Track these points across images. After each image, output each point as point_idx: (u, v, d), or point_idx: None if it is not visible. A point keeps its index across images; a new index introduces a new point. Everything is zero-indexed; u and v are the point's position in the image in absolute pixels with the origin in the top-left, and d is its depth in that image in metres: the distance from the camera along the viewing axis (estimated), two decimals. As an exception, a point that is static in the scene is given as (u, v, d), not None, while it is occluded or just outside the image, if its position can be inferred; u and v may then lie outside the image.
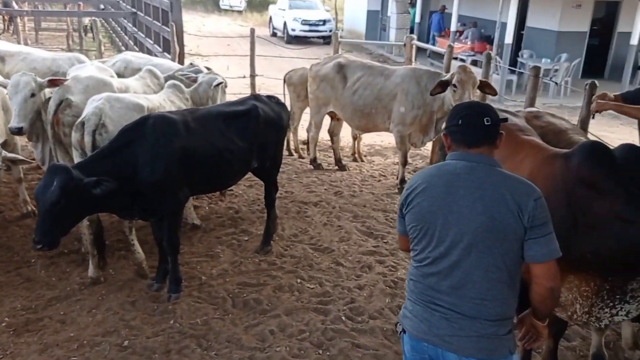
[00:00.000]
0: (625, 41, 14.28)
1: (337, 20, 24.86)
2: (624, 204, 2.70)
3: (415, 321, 2.21)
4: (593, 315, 2.86)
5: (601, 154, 2.86)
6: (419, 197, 2.19)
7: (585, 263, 2.78)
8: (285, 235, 5.33)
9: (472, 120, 2.19)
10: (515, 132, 3.46)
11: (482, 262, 2.09)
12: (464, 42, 16.43)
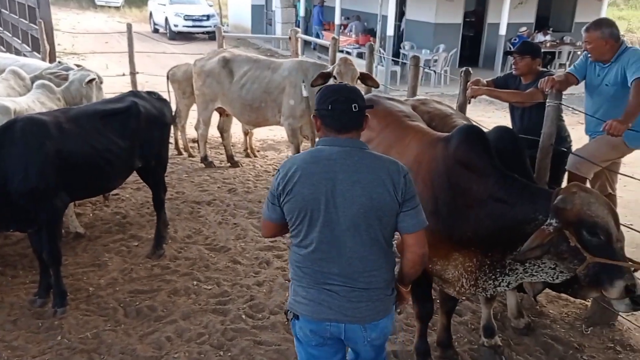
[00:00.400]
0: (495, 31, 15.31)
1: (222, 15, 24.45)
2: (497, 184, 2.87)
3: (312, 305, 2.29)
4: (479, 287, 3.00)
5: (476, 137, 3.02)
6: (299, 185, 2.23)
7: (467, 241, 2.93)
8: (178, 237, 5.14)
9: (341, 107, 2.27)
10: (402, 119, 3.60)
11: (366, 239, 2.25)
12: (349, 35, 16.79)
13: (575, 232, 2.60)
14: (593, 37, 3.91)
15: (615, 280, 2.57)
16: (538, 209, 2.72)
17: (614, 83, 3.84)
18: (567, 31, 17.83)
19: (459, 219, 2.94)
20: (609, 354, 3.69)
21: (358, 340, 2.34)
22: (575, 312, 4.15)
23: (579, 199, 2.62)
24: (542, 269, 2.78)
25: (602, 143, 3.94)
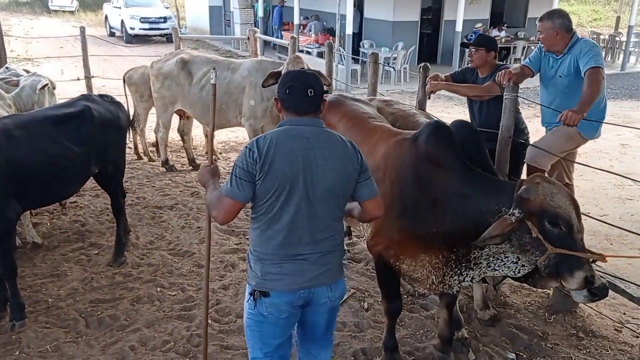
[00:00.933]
0: (451, 28, 15.52)
1: (180, 17, 24.14)
2: (461, 178, 2.91)
3: (287, 278, 2.42)
4: (446, 284, 3.04)
5: (443, 132, 3.06)
6: (278, 162, 2.33)
7: (433, 237, 2.95)
8: (140, 243, 5.03)
9: (297, 91, 2.42)
10: (367, 119, 3.64)
11: (333, 208, 2.46)
12: (308, 34, 16.77)
13: (538, 222, 2.64)
14: (545, 26, 3.99)
15: (575, 271, 2.61)
16: (502, 201, 2.76)
17: (567, 74, 3.91)
18: (521, 26, 18.25)
19: (425, 215, 2.97)
20: (572, 341, 3.76)
21: (322, 301, 2.51)
22: (538, 301, 4.22)
23: (541, 190, 2.66)
24: (505, 263, 2.81)
25: (558, 135, 4.02)
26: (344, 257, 4.11)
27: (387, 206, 3.00)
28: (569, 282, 2.64)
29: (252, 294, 2.45)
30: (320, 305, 2.53)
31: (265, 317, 2.46)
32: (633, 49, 17.70)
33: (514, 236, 2.71)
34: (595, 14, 29.79)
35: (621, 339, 3.81)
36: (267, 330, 2.50)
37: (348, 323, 3.90)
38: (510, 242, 2.74)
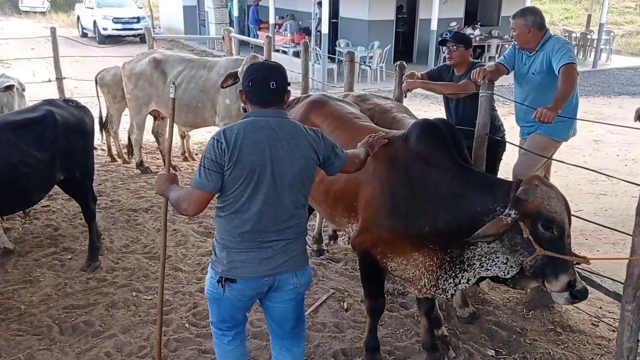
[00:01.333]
0: (426, 27, 15.60)
1: (153, 17, 23.86)
2: (455, 177, 2.89)
3: (252, 266, 2.50)
4: (439, 287, 3.01)
5: (434, 130, 3.05)
6: (246, 152, 2.39)
7: (424, 237, 2.94)
8: (114, 247, 4.93)
9: (260, 83, 2.47)
10: (352, 120, 3.60)
11: (299, 196, 2.54)
12: (284, 34, 16.72)
13: (531, 224, 2.65)
14: (518, 24, 4.01)
15: (560, 274, 2.64)
16: (497, 199, 2.75)
17: (540, 71, 3.94)
18: (495, 25, 18.44)
19: (418, 215, 2.94)
20: (550, 336, 3.79)
21: (287, 288, 2.61)
22: (516, 297, 4.24)
23: (540, 193, 2.66)
24: (496, 263, 2.81)
25: (534, 151, 3.97)
26: (321, 256, 4.33)
27: (376, 205, 3.09)
28: (552, 284, 2.67)
29: (219, 281, 2.53)
30: (285, 292, 2.62)
31: (226, 296, 2.57)
32: (604, 47, 17.99)
33: (506, 236, 2.71)
34: (566, 13, 30.26)
35: (598, 334, 3.85)
36: (225, 307, 2.64)
37: (328, 324, 3.87)
38: (502, 241, 2.74)
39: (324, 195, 3.51)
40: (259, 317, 3.91)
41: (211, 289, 2.61)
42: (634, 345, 3.00)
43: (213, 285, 2.58)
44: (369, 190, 3.14)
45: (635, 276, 2.91)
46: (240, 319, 2.76)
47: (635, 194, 2.85)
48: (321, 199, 3.58)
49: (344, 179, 3.28)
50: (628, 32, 25.57)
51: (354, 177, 3.20)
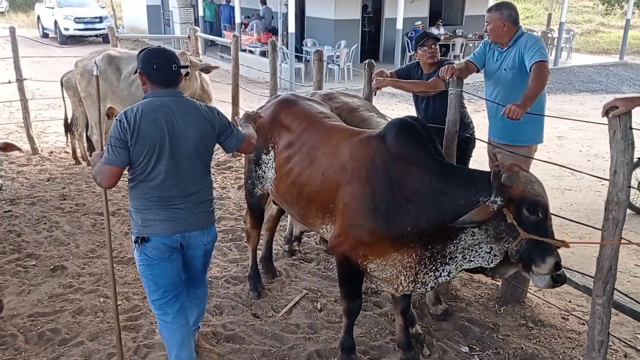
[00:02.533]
0: (392, 26, 15.70)
1: (116, 17, 23.41)
2: (436, 173, 2.89)
3: (164, 223, 2.85)
4: (419, 282, 3.01)
5: (411, 129, 3.03)
6: (146, 129, 2.73)
7: (407, 236, 2.92)
8: (80, 252, 4.79)
9: (164, 66, 2.83)
10: (322, 119, 3.53)
11: (198, 165, 2.90)
12: (251, 33, 16.59)
13: (515, 209, 2.68)
14: (493, 17, 4.00)
15: (547, 256, 2.68)
16: (479, 191, 2.77)
17: (511, 67, 3.95)
18: (459, 24, 18.69)
19: (399, 214, 2.92)
20: (522, 331, 3.83)
21: (197, 245, 2.98)
22: (488, 293, 4.28)
23: (523, 178, 2.71)
24: (479, 253, 2.84)
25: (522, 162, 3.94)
26: (293, 257, 4.63)
27: (356, 207, 3.05)
28: (541, 267, 2.69)
29: (136, 242, 2.87)
30: (196, 249, 2.99)
31: (152, 259, 2.87)
32: (564, 45, 18.40)
33: (490, 225, 2.74)
34: (527, 12, 30.86)
35: (568, 327, 3.91)
36: (157, 271, 2.90)
37: (301, 325, 3.83)
38: (487, 231, 2.76)
39: (297, 197, 3.46)
40: (232, 321, 3.85)
41: (139, 258, 2.91)
42: (605, 339, 3.05)
43: (138, 253, 2.90)
44: (348, 191, 3.09)
45: (605, 269, 2.96)
46: (175, 284, 2.99)
47: (598, 189, 2.91)
48: (293, 200, 3.53)
49: (318, 180, 3.25)
50: (587, 31, 26.26)
51: (331, 178, 3.18)
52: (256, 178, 3.86)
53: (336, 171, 3.16)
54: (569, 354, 3.57)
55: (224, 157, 7.66)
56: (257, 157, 3.78)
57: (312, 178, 3.30)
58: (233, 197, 6.17)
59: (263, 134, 3.69)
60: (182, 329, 3.05)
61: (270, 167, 3.70)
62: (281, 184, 3.59)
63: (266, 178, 3.78)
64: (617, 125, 2.77)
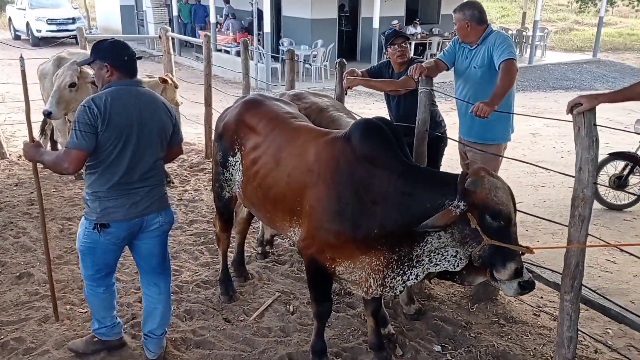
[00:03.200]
0: (369, 25, 15.72)
1: (90, 17, 23.11)
2: (402, 175, 2.86)
3: (123, 209, 2.99)
4: (387, 286, 2.98)
5: (376, 130, 2.99)
6: (116, 116, 2.86)
7: (373, 239, 2.88)
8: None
9: (132, 58, 3.01)
10: (289, 120, 3.47)
11: (156, 152, 3.07)
12: (226, 33, 16.48)
13: (479, 215, 2.65)
14: (457, 18, 4.02)
15: (508, 262, 2.65)
16: (445, 194, 2.73)
17: (481, 65, 3.95)
18: (435, 23, 18.79)
19: (365, 217, 2.88)
20: (494, 328, 3.83)
21: (154, 226, 3.13)
22: (461, 292, 4.28)
23: (487, 184, 2.67)
24: (445, 257, 2.81)
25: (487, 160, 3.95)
26: (266, 259, 4.71)
27: (321, 209, 3.00)
28: (501, 272, 2.68)
29: (94, 228, 2.97)
30: (152, 231, 3.14)
31: (100, 242, 3.01)
32: (539, 43, 18.60)
33: (455, 228, 2.71)
34: (503, 11, 31.21)
35: (540, 323, 3.92)
36: (100, 254, 3.07)
37: (273, 328, 3.78)
38: (452, 235, 2.74)
39: (263, 200, 3.41)
40: (202, 326, 3.79)
41: (85, 239, 3.03)
42: (574, 335, 3.05)
43: (87, 235, 3.01)
44: (314, 193, 3.04)
45: (572, 266, 2.96)
46: (112, 264, 3.21)
47: (571, 185, 2.90)
48: (259, 203, 3.49)
49: (284, 182, 3.20)
50: (561, 29, 26.62)
51: (297, 180, 3.13)
52: (223, 181, 3.80)
53: (302, 173, 3.11)
54: (540, 350, 3.58)
55: (197, 159, 7.58)
56: (223, 159, 3.72)
57: (278, 180, 3.25)
58: (206, 200, 6.09)
59: (229, 135, 3.64)
60: (110, 297, 3.33)
61: (237, 169, 3.64)
62: (248, 186, 3.52)
63: (234, 181, 3.72)
64: (582, 122, 2.78)
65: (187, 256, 4.79)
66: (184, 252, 4.86)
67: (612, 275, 4.77)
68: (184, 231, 5.30)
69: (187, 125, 8.84)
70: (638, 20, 29.12)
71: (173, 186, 6.43)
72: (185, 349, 3.55)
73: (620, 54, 20.61)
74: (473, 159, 4.11)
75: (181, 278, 4.41)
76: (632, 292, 4.49)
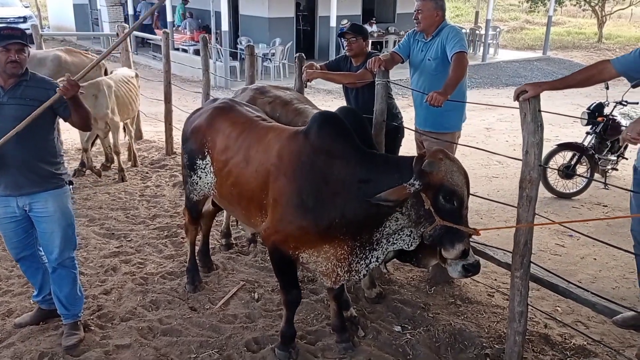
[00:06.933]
0: (326, 24, 15.87)
1: (42, 16, 22.53)
2: (359, 164, 2.96)
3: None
4: (353, 271, 3.11)
5: (333, 121, 3.09)
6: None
7: (335, 229, 2.99)
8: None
9: None
10: (258, 122, 3.55)
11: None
12: (184, 32, 16.37)
13: (433, 195, 2.77)
14: (427, 6, 4.11)
15: (456, 243, 2.80)
16: (403, 177, 2.82)
17: (434, 57, 4.12)
18: (391, 22, 19.09)
19: (327, 208, 2.97)
20: (451, 308, 4.01)
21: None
22: (420, 276, 4.45)
23: (444, 167, 2.78)
24: (401, 236, 2.97)
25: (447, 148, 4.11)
26: (230, 250, 4.77)
27: (283, 202, 3.09)
28: (449, 252, 2.82)
29: None
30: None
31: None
32: (491, 42, 19.12)
33: (412, 209, 2.84)
34: (457, 10, 31.87)
35: (494, 303, 4.13)
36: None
37: (239, 315, 3.87)
38: (409, 217, 2.87)
39: (237, 198, 3.48)
40: (168, 315, 3.84)
41: None
42: (524, 309, 3.25)
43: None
44: (276, 187, 3.14)
45: (521, 244, 3.15)
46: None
47: (524, 176, 3.08)
48: (235, 202, 3.55)
49: (253, 178, 3.28)
50: (513, 28, 27.39)
51: (262, 175, 3.21)
52: (191, 183, 3.88)
53: (266, 168, 3.20)
54: (494, 327, 3.78)
55: (157, 155, 7.57)
56: (190, 162, 3.80)
57: (248, 177, 3.32)
58: (168, 195, 6.12)
59: (198, 139, 3.70)
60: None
61: (207, 172, 3.71)
62: (223, 187, 3.59)
63: (203, 183, 3.78)
64: (527, 108, 2.98)
65: (151, 249, 4.83)
66: (147, 246, 4.90)
67: (561, 258, 5.03)
68: (147, 225, 5.33)
69: (147, 124, 8.82)
70: (585, 19, 30.20)
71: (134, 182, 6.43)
72: (153, 337, 3.60)
73: (568, 52, 21.37)
74: (429, 147, 4.28)
75: (146, 270, 4.44)
76: (579, 272, 4.76)
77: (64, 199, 3.42)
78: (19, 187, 3.26)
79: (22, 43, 3.18)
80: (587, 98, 10.13)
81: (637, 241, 3.11)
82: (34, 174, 3.27)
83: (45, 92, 3.23)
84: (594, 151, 6.56)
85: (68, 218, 3.45)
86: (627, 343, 3.73)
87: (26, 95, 3.22)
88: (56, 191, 3.36)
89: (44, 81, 3.35)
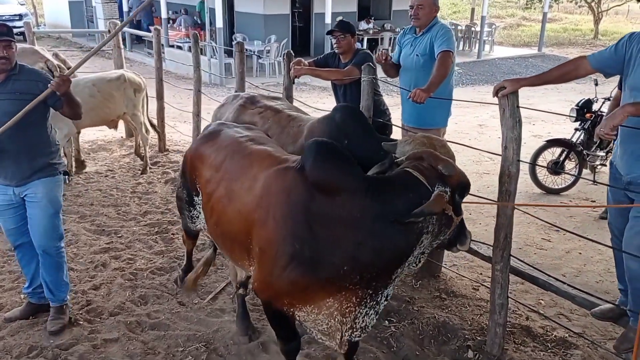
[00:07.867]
0: (321, 21, 15.89)
1: (37, 14, 22.54)
2: (366, 195, 2.45)
3: None
4: (357, 328, 2.65)
5: (329, 151, 2.58)
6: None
7: (343, 279, 2.48)
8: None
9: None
10: (245, 144, 3.06)
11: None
12: (178, 29, 16.38)
13: (451, 197, 2.48)
14: (428, 1, 4.17)
15: (467, 231, 2.65)
16: (422, 194, 2.42)
17: (423, 53, 4.17)
18: (387, 19, 19.11)
19: (330, 254, 2.45)
20: (436, 302, 4.07)
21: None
22: (406, 270, 4.50)
23: (452, 166, 2.53)
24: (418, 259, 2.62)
25: None
26: None
27: (273, 253, 2.57)
28: (465, 243, 2.63)
29: None
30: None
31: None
32: (487, 38, 19.16)
33: (437, 222, 2.48)
34: (454, 7, 31.92)
35: (478, 296, 4.18)
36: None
37: (226, 309, 3.92)
38: (432, 232, 2.50)
39: (222, 238, 3.07)
40: (157, 309, 3.90)
41: None
42: (505, 302, 3.31)
43: None
44: (263, 234, 2.62)
45: (501, 239, 3.22)
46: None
47: (513, 172, 3.13)
48: (221, 241, 3.14)
49: (236, 219, 2.81)
50: (509, 25, 27.44)
51: (246, 217, 2.73)
52: (189, 217, 3.52)
53: (250, 210, 2.70)
54: (477, 320, 3.83)
55: (150, 153, 7.60)
56: (189, 197, 3.42)
57: (231, 217, 2.86)
58: (159, 192, 6.16)
59: (190, 172, 3.33)
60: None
61: (201, 207, 3.33)
62: (208, 223, 3.17)
63: (200, 219, 3.42)
64: (506, 104, 3.03)
65: (142, 245, 4.87)
66: (138, 242, 4.94)
67: (546, 252, 5.09)
68: (138, 222, 5.37)
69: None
70: (582, 16, 30.26)
71: (126, 179, 6.47)
72: (141, 331, 3.66)
73: (564, 49, 21.41)
74: None
75: (136, 266, 4.49)
76: (564, 266, 4.82)
77: (54, 187, 3.51)
78: (15, 177, 3.39)
79: (9, 39, 3.23)
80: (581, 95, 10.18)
81: (614, 234, 3.16)
82: (30, 165, 3.39)
83: (35, 84, 3.34)
84: (582, 147, 6.62)
85: (55, 206, 3.53)
86: (609, 335, 3.79)
87: (16, 90, 3.30)
88: (48, 179, 3.47)
89: (32, 73, 3.44)
